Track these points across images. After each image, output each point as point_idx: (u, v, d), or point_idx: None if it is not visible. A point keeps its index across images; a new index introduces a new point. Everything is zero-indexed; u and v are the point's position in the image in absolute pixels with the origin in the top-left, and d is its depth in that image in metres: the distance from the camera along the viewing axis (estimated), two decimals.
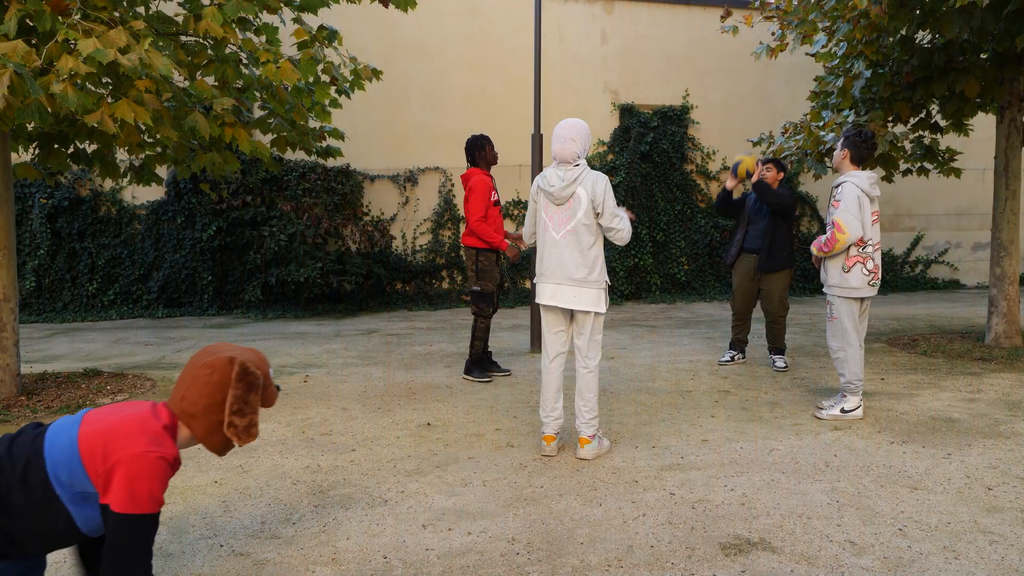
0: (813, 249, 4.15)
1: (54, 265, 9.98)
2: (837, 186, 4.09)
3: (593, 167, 10.97)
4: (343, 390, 5.12)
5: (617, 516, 2.83)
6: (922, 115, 6.82)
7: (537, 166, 6.33)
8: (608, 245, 10.75)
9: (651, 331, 7.75)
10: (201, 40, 5.03)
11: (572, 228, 3.48)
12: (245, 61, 5.28)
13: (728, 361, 5.82)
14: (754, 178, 5.45)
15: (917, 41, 6.50)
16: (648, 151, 11.06)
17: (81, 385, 5.26)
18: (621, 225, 3.48)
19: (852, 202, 3.96)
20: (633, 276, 11.12)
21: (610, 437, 3.89)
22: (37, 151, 5.30)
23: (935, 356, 6.01)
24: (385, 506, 2.98)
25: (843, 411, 4.14)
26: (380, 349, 6.84)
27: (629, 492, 3.09)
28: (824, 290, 4.23)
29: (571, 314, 3.63)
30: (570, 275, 3.48)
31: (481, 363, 5.38)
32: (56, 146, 5.33)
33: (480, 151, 5.35)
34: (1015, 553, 2.46)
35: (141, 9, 5.15)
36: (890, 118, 6.59)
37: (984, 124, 11.74)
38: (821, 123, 6.29)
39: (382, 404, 4.70)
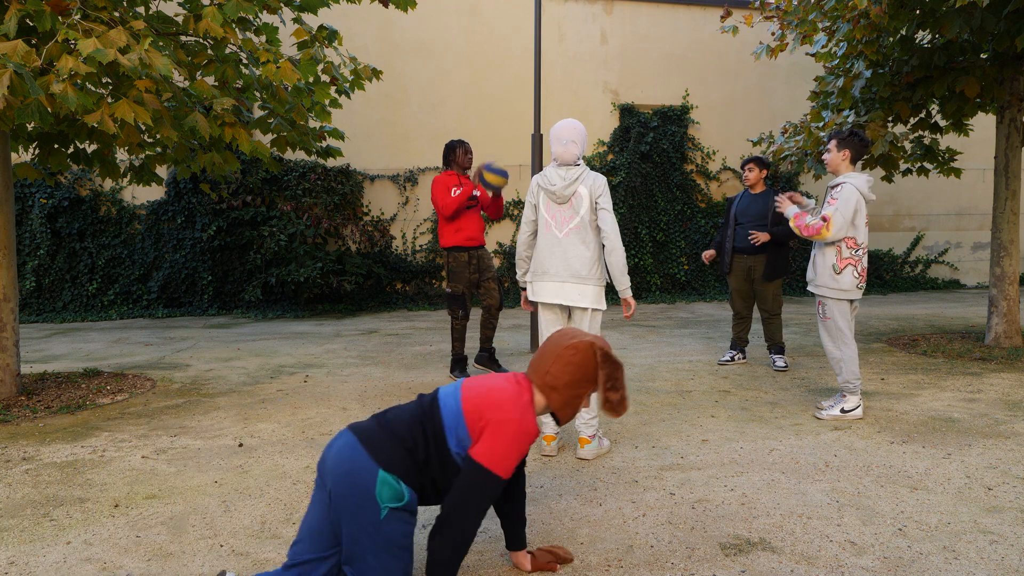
0: (792, 223, 4.15)
1: (54, 265, 9.98)
2: (835, 186, 4.09)
3: (593, 167, 10.98)
4: (343, 390, 5.11)
5: (617, 516, 2.83)
6: (922, 115, 6.82)
7: (537, 166, 6.33)
8: None
9: (651, 331, 7.75)
10: (201, 40, 5.03)
11: (576, 226, 3.53)
12: (245, 61, 5.28)
13: (728, 361, 5.83)
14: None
15: (917, 41, 6.50)
16: (648, 151, 11.06)
17: (81, 385, 5.26)
18: (611, 228, 3.50)
19: (850, 205, 3.97)
20: (633, 276, 11.11)
21: (610, 437, 3.89)
22: (37, 151, 5.30)
23: (935, 356, 6.01)
24: None
25: (843, 411, 4.14)
26: (380, 349, 6.84)
27: (629, 492, 3.09)
28: (810, 289, 4.24)
29: (568, 314, 3.64)
30: (575, 272, 3.51)
31: (460, 363, 5.46)
32: (56, 146, 5.33)
33: (451, 153, 5.43)
34: (1015, 553, 2.46)
35: (141, 9, 5.16)
36: (890, 118, 6.59)
37: (984, 124, 11.74)
38: (821, 123, 6.29)
39: (382, 404, 4.70)
